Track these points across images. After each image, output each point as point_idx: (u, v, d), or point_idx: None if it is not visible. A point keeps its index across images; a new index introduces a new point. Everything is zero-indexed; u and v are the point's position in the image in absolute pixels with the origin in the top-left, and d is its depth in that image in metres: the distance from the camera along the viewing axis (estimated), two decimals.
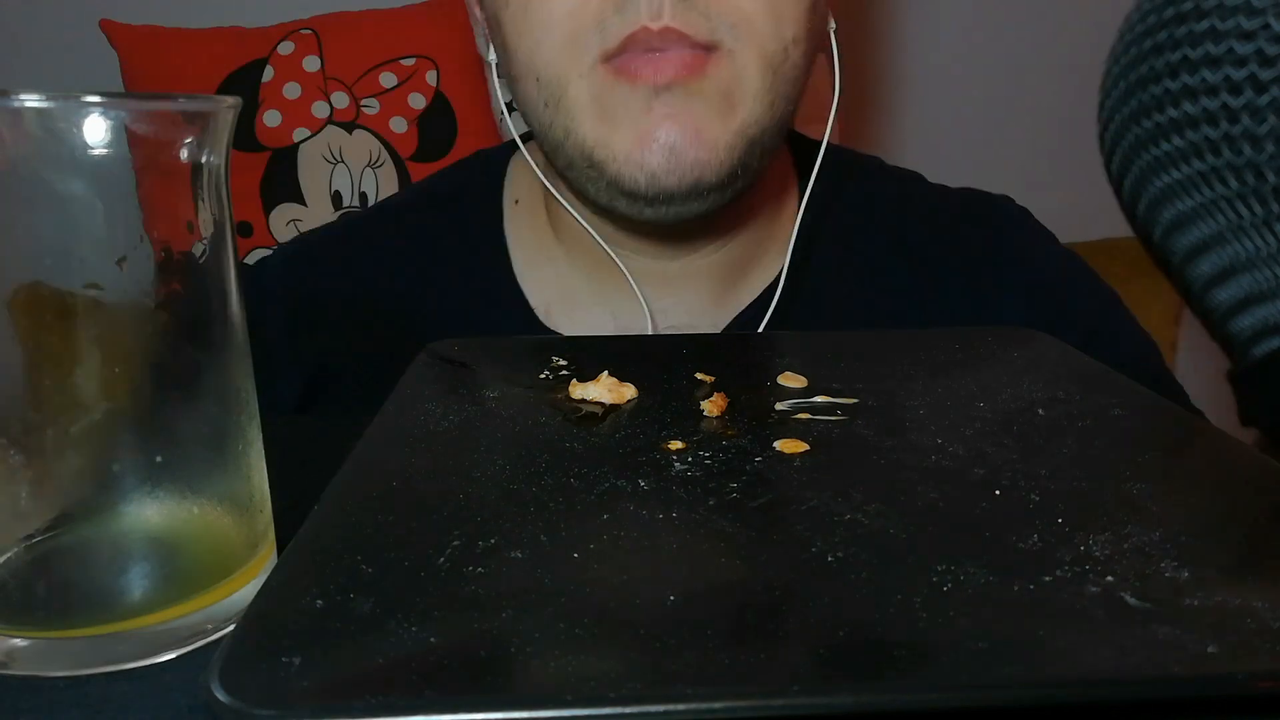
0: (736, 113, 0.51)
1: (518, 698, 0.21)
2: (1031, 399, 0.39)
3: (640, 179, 0.51)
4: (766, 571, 0.26)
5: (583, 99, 0.51)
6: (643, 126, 0.50)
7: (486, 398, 0.40)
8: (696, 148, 0.50)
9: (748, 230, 0.61)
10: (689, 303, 0.61)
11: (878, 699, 0.21)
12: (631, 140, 0.51)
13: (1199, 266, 0.31)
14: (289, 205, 1.23)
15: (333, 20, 1.29)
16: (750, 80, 0.51)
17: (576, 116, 0.52)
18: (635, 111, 0.50)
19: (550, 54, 0.51)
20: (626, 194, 0.52)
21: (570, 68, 0.51)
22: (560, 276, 0.63)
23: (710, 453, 0.34)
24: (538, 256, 0.63)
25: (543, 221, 0.64)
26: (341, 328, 0.63)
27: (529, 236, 0.64)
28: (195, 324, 0.28)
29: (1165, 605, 0.24)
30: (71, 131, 0.25)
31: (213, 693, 0.21)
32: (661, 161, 0.50)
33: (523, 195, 0.65)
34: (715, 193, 0.53)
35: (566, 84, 0.51)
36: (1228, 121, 0.28)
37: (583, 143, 0.52)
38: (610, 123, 0.51)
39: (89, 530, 0.27)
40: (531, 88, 0.53)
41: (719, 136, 0.51)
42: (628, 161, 0.51)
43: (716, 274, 0.61)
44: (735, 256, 0.61)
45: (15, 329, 0.25)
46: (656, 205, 0.52)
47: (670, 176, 0.50)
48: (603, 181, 0.53)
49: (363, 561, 0.26)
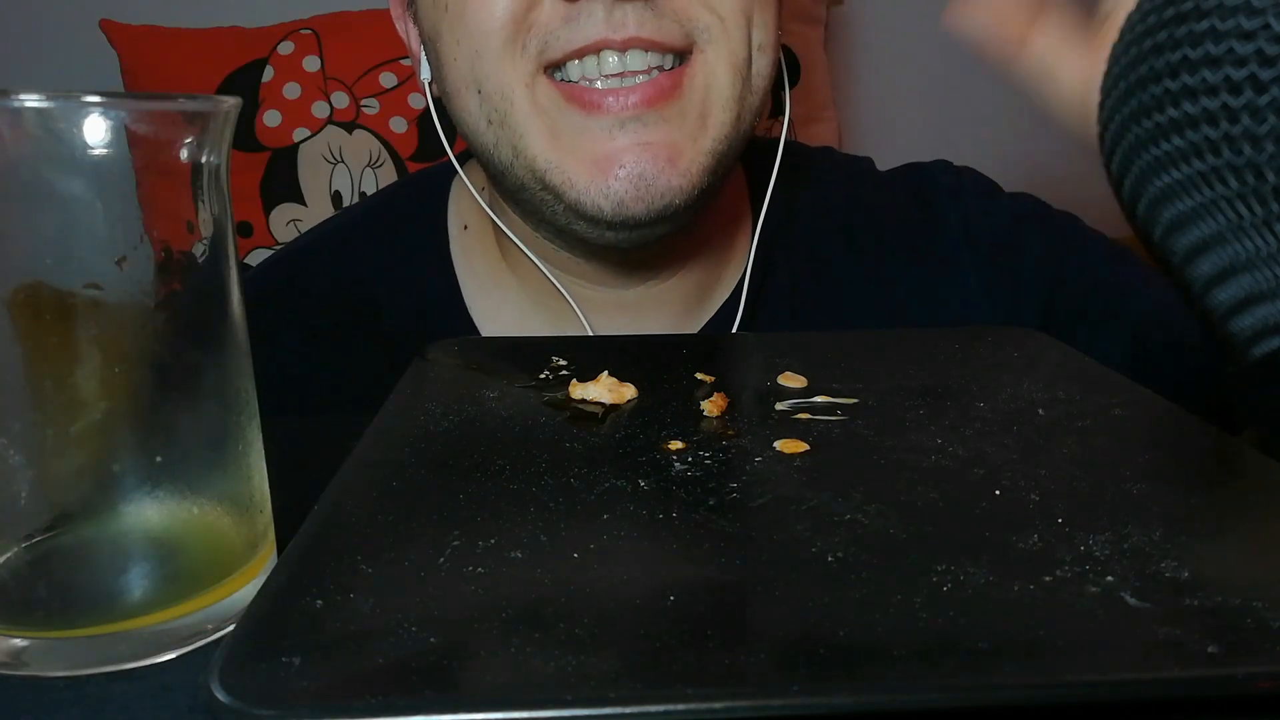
0: (707, 128, 0.49)
1: (517, 697, 0.21)
2: (1031, 399, 0.39)
3: (605, 207, 0.47)
4: (766, 572, 0.26)
5: (529, 113, 0.48)
6: (603, 152, 0.47)
7: (486, 398, 0.40)
8: (669, 174, 0.47)
9: (708, 248, 0.58)
10: (649, 330, 0.58)
11: (877, 699, 0.21)
12: (590, 168, 0.47)
13: (1199, 266, 0.31)
14: (289, 205, 1.23)
15: (333, 20, 1.29)
16: (720, 88, 0.49)
17: (525, 134, 0.48)
18: (595, 139, 0.47)
19: (491, 64, 0.48)
20: (588, 220, 0.49)
21: (513, 77, 0.47)
22: (512, 304, 0.60)
23: (710, 453, 0.34)
24: (489, 284, 0.60)
25: (493, 247, 0.60)
26: (292, 359, 0.59)
27: (479, 264, 0.60)
28: (195, 324, 0.28)
29: (1165, 605, 0.24)
30: (72, 131, 0.25)
31: (213, 693, 0.21)
32: (629, 190, 0.46)
33: (471, 220, 0.61)
34: (684, 214, 0.49)
35: (511, 96, 0.48)
36: (1228, 121, 0.28)
37: (533, 163, 0.48)
38: (563, 145, 0.48)
39: (89, 530, 0.27)
40: (472, 102, 0.49)
41: (692, 159, 0.48)
42: (588, 190, 0.47)
43: (677, 298, 0.58)
44: (696, 278, 0.58)
45: (15, 329, 0.25)
46: (619, 230, 0.49)
47: (639, 204, 0.47)
48: (560, 205, 0.49)
49: (362, 561, 0.26)
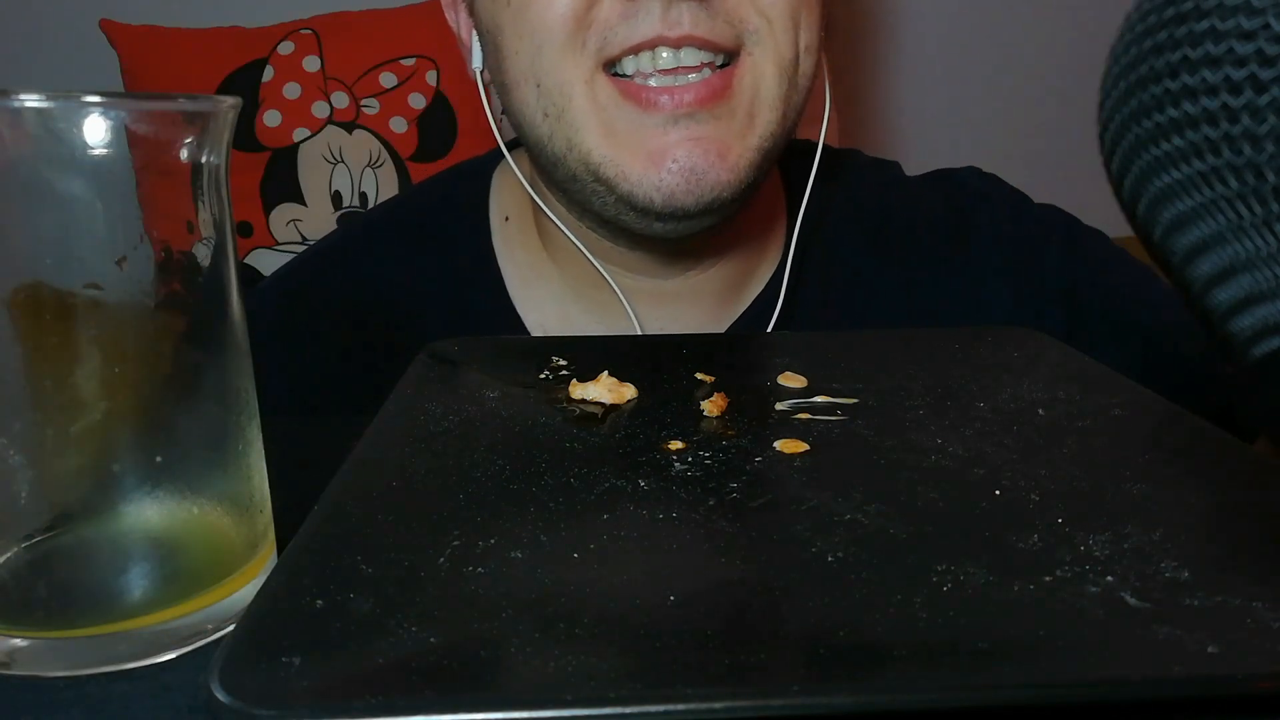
0: (755, 126, 0.50)
1: (517, 697, 0.21)
2: (1032, 399, 0.39)
3: (656, 199, 0.49)
4: (766, 572, 0.26)
5: (587, 110, 0.50)
6: (656, 147, 0.49)
7: (486, 398, 0.40)
8: (719, 169, 0.49)
9: (745, 241, 0.60)
10: (685, 320, 0.60)
11: (877, 699, 0.21)
12: (644, 161, 0.49)
13: (1199, 266, 0.31)
14: (289, 205, 1.23)
15: (333, 20, 1.29)
16: (768, 88, 0.50)
17: (581, 129, 0.50)
18: (649, 135, 0.49)
19: (551, 60, 0.49)
20: (638, 210, 0.51)
21: (574, 74, 0.49)
22: (554, 295, 0.61)
23: (710, 453, 0.34)
24: (530, 275, 0.61)
25: (534, 238, 0.62)
26: (334, 355, 0.60)
27: (521, 255, 0.62)
28: (195, 324, 0.28)
29: (1165, 605, 0.24)
30: (72, 131, 0.25)
31: (213, 693, 0.21)
32: (680, 183, 0.49)
33: (512, 211, 0.63)
34: (730, 207, 0.52)
35: (570, 93, 0.49)
36: (1228, 121, 0.28)
37: (588, 156, 0.50)
38: (617, 140, 0.49)
39: (89, 530, 0.27)
40: (530, 95, 0.51)
41: (740, 155, 0.50)
42: (641, 182, 0.49)
43: (713, 289, 0.60)
44: (731, 271, 0.60)
45: (15, 329, 0.25)
46: (668, 220, 0.51)
47: (689, 196, 0.49)
48: (611, 196, 0.51)
49: (362, 562, 0.26)
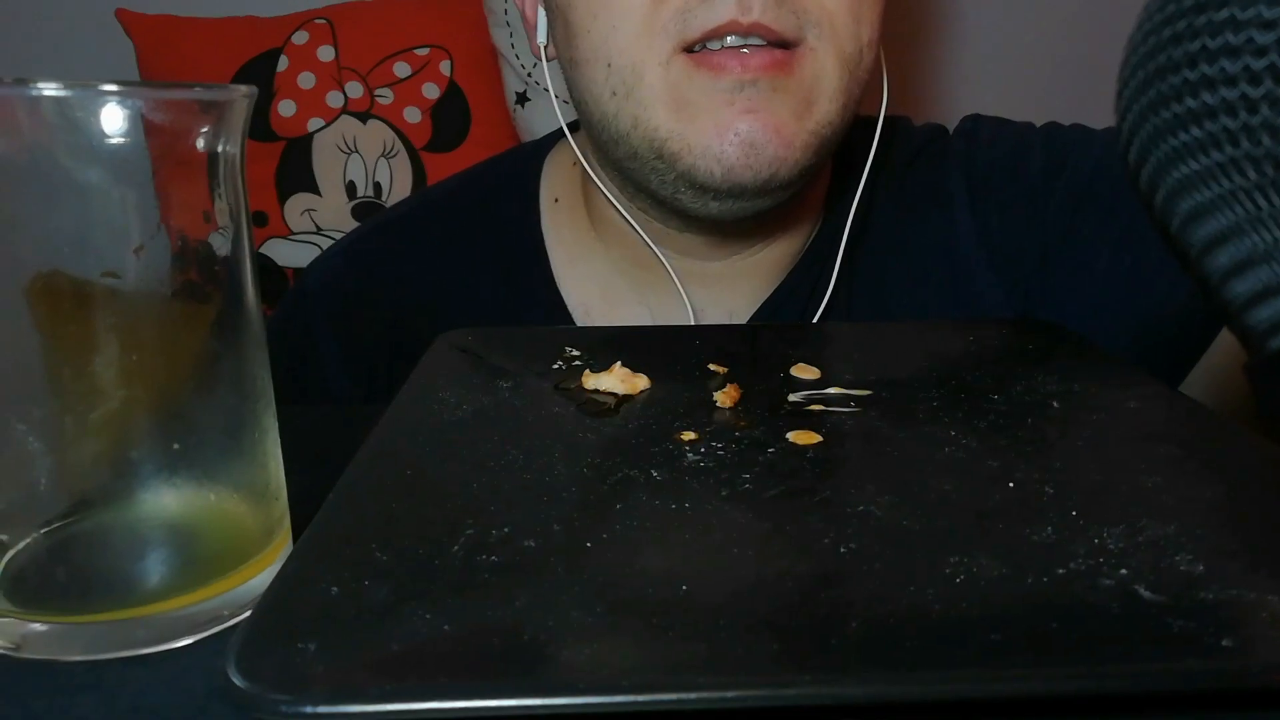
0: (813, 112, 0.51)
1: (531, 685, 0.21)
2: (1046, 391, 0.38)
3: (716, 171, 0.50)
4: (779, 563, 0.26)
5: (658, 88, 0.50)
6: (722, 118, 0.50)
7: (500, 388, 0.40)
8: (776, 144, 0.49)
9: (794, 228, 0.60)
10: (728, 302, 0.61)
11: (890, 689, 0.21)
12: (710, 132, 0.50)
13: (1216, 258, 0.31)
14: (304, 195, 1.24)
15: (346, 10, 1.29)
16: (829, 80, 0.51)
17: (650, 106, 0.51)
18: (716, 103, 0.50)
19: (626, 40, 0.50)
20: (697, 186, 0.51)
21: (648, 55, 0.50)
22: (599, 275, 0.62)
23: (723, 444, 0.34)
24: (576, 255, 0.62)
25: (582, 219, 0.63)
26: (386, 328, 0.62)
27: (568, 235, 0.63)
28: (212, 313, 0.28)
29: (1179, 598, 0.24)
30: (89, 120, 0.25)
31: (229, 677, 0.21)
32: (740, 155, 0.49)
33: (562, 193, 0.64)
34: (784, 189, 0.52)
35: (643, 72, 0.50)
36: (1247, 112, 0.27)
37: (654, 133, 0.51)
38: (686, 114, 0.50)
39: (107, 517, 0.27)
40: (599, 74, 0.52)
41: (795, 134, 0.50)
42: (704, 154, 0.50)
43: (758, 273, 0.61)
44: (777, 255, 0.61)
45: (34, 317, 0.25)
46: (724, 199, 0.52)
47: (747, 171, 0.50)
48: (671, 174, 0.52)
49: (377, 549, 0.26)
